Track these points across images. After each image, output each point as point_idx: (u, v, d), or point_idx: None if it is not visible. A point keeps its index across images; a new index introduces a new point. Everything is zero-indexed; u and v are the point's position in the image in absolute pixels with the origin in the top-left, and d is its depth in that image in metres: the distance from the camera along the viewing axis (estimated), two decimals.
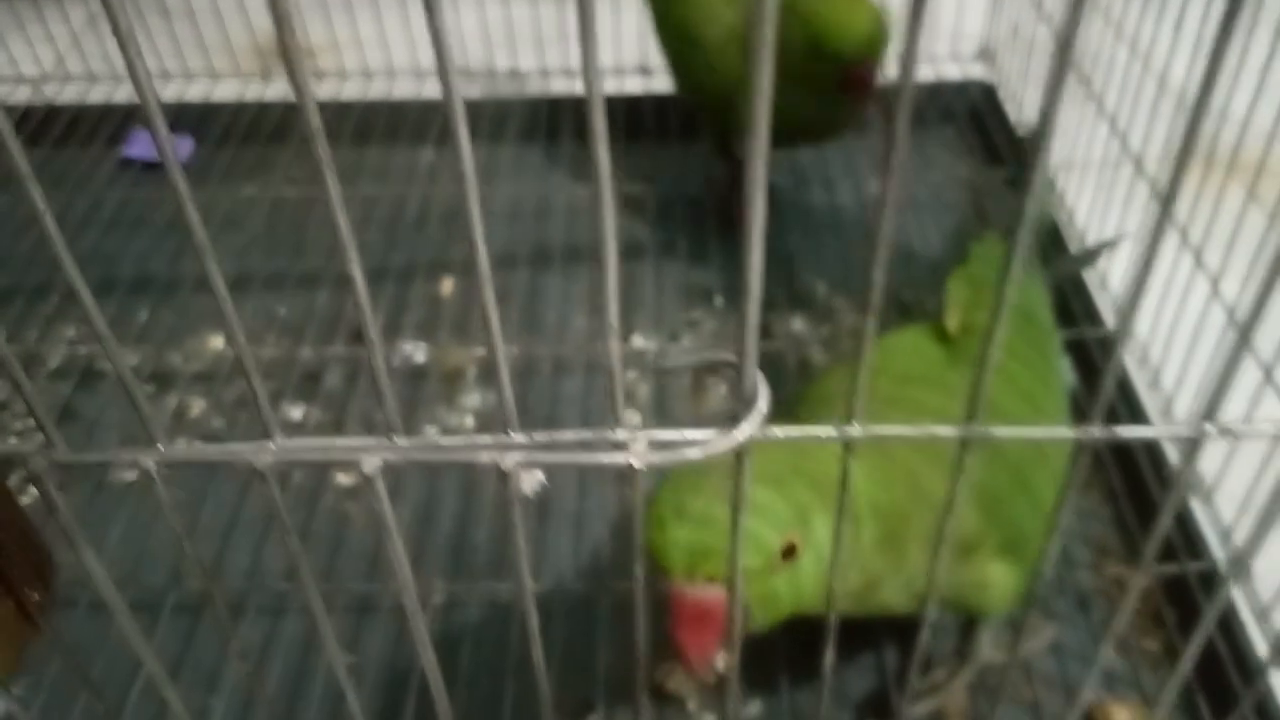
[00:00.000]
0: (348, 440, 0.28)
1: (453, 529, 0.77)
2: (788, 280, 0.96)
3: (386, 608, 0.72)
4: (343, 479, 0.81)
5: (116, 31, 0.24)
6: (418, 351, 0.90)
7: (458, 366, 0.89)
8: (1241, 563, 0.35)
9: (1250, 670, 0.63)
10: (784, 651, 0.67)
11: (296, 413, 0.85)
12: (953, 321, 0.62)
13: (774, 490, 0.47)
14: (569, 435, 0.27)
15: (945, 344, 0.61)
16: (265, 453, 0.28)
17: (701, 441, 0.27)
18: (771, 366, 0.89)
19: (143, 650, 0.35)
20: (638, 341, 0.90)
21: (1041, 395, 0.60)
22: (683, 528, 0.46)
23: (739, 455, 0.28)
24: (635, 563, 0.31)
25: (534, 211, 1.05)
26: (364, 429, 0.84)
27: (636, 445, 0.27)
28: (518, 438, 0.27)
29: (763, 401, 0.27)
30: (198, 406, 0.86)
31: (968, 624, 0.64)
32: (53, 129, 1.13)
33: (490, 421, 0.85)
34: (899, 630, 0.69)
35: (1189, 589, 0.69)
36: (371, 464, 0.27)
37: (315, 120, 0.24)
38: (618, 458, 0.27)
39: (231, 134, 1.13)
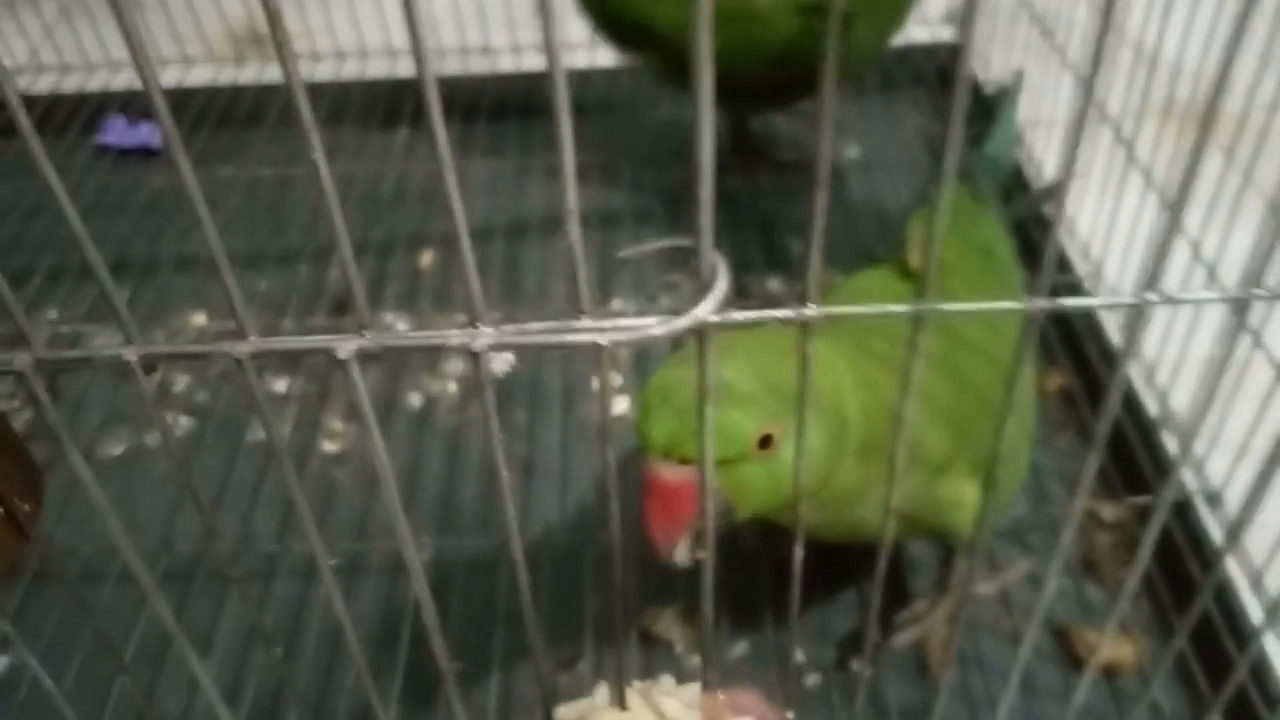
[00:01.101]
0: (322, 335, 0.29)
1: (439, 489, 0.78)
2: (764, 241, 0.97)
3: (376, 568, 0.73)
4: (328, 445, 0.81)
5: (122, 24, 0.25)
6: (399, 322, 0.91)
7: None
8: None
9: (1244, 635, 0.64)
10: (768, 591, 0.68)
11: (280, 385, 0.86)
12: (914, 258, 0.63)
13: (760, 383, 0.47)
14: (537, 324, 0.28)
15: (909, 280, 0.63)
16: (243, 345, 0.29)
17: (661, 323, 0.28)
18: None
19: (157, 605, 0.36)
20: (616, 304, 0.91)
21: (1006, 325, 0.62)
22: (665, 410, 0.46)
23: (700, 335, 0.28)
24: (605, 448, 0.31)
25: (511, 185, 1.06)
26: (346, 399, 0.85)
27: (601, 328, 0.28)
28: (487, 327, 0.28)
29: (722, 282, 0.28)
30: (182, 382, 0.87)
31: (946, 557, 0.66)
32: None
33: (472, 386, 0.86)
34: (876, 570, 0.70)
35: (1165, 521, 0.70)
36: (346, 350, 0.28)
37: (306, 112, 0.25)
38: (584, 337, 0.27)
39: (206, 118, 1.14)
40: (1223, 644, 0.63)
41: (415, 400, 0.85)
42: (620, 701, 0.39)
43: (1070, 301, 0.31)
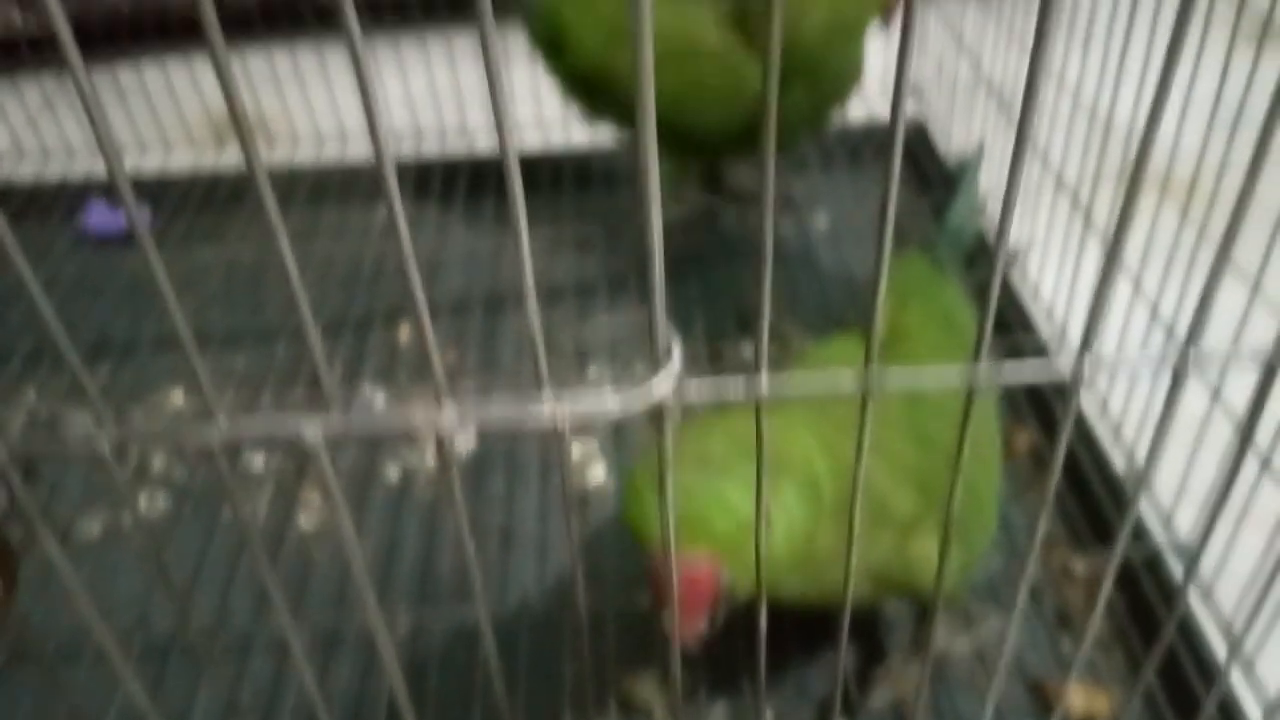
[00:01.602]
0: (290, 415, 0.30)
1: (417, 561, 0.78)
2: (736, 309, 0.99)
3: (353, 640, 0.72)
4: (304, 523, 0.81)
5: (89, 111, 0.26)
6: (378, 395, 0.92)
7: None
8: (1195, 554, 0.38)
9: (1212, 677, 0.65)
10: (744, 655, 0.69)
11: (258, 461, 0.86)
12: (880, 326, 0.65)
13: (747, 460, 0.48)
14: (499, 403, 0.29)
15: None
16: (214, 430, 0.30)
17: (621, 399, 0.29)
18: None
19: (131, 687, 0.36)
20: (592, 372, 0.93)
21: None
22: (656, 506, 0.47)
23: (658, 412, 0.29)
24: (569, 524, 0.32)
25: (487, 261, 1.08)
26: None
27: (560, 407, 0.29)
28: (450, 405, 0.29)
29: (676, 359, 0.29)
30: (159, 460, 0.87)
31: (921, 614, 0.66)
32: (9, 204, 1.15)
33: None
34: (857, 628, 0.71)
35: (1134, 572, 0.71)
36: (313, 434, 0.29)
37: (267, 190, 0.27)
38: (543, 418, 0.28)
39: (187, 202, 1.16)
40: (1195, 692, 0.63)
41: (393, 473, 0.85)
42: None
43: (1012, 372, 0.32)
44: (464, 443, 0.55)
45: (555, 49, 0.97)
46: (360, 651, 0.72)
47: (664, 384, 0.29)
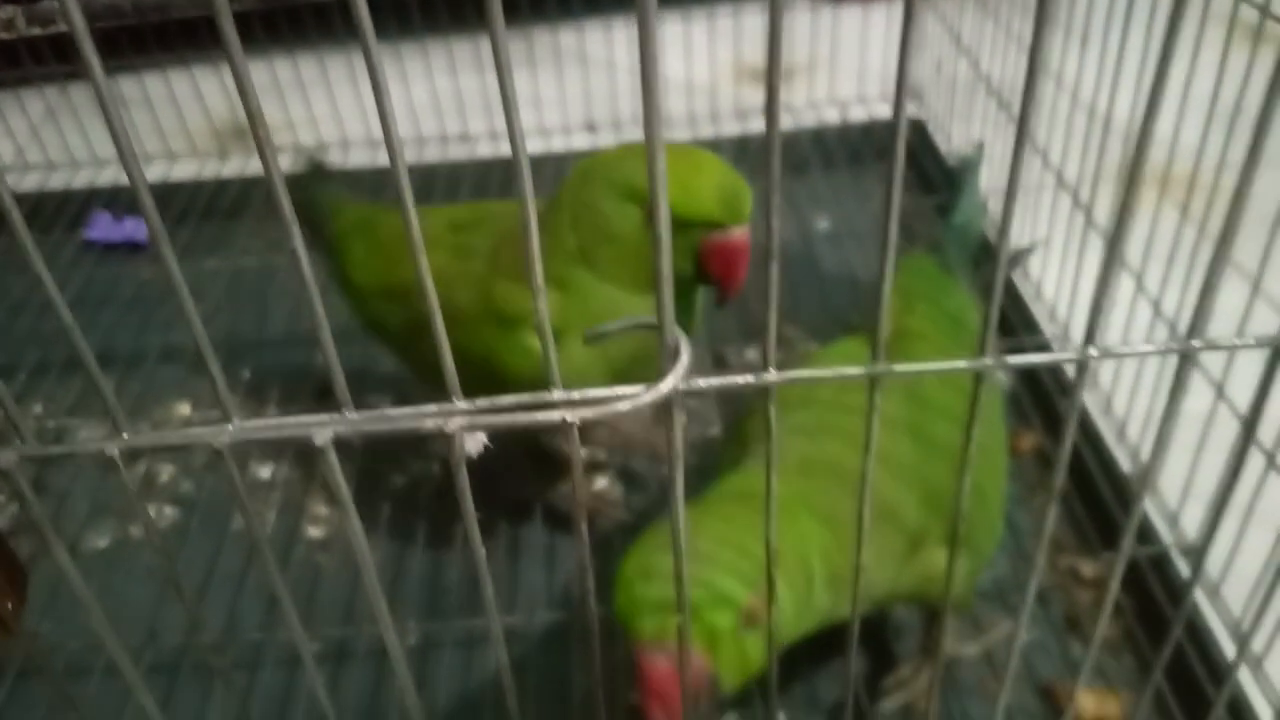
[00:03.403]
0: (299, 418, 0.30)
1: (425, 571, 0.78)
2: (740, 313, 0.99)
3: (363, 652, 0.73)
4: (313, 531, 0.82)
5: (110, 125, 0.26)
6: (385, 403, 0.92)
7: None
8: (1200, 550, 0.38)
9: (1219, 669, 0.65)
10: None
11: (265, 472, 0.87)
12: (885, 329, 0.65)
13: (737, 553, 0.48)
14: (508, 399, 0.29)
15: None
16: (223, 434, 0.30)
17: (630, 396, 0.29)
18: (728, 395, 0.92)
19: (143, 699, 0.36)
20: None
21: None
22: (648, 601, 0.46)
23: (667, 407, 0.30)
24: (578, 519, 0.32)
25: None
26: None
27: (570, 405, 0.29)
28: (461, 404, 0.29)
29: (685, 356, 0.29)
30: (167, 472, 0.87)
31: (930, 620, 0.66)
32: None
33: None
34: (866, 635, 0.71)
35: (1141, 573, 0.71)
36: (323, 436, 0.29)
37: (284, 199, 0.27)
38: (553, 415, 0.29)
39: (191, 211, 1.16)
40: (1205, 692, 0.64)
41: (399, 481, 0.85)
42: None
43: (1015, 359, 0.32)
44: (474, 446, 0.53)
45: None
46: (370, 660, 0.72)
47: (672, 380, 0.29)
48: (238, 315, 1.03)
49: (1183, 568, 0.71)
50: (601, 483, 0.84)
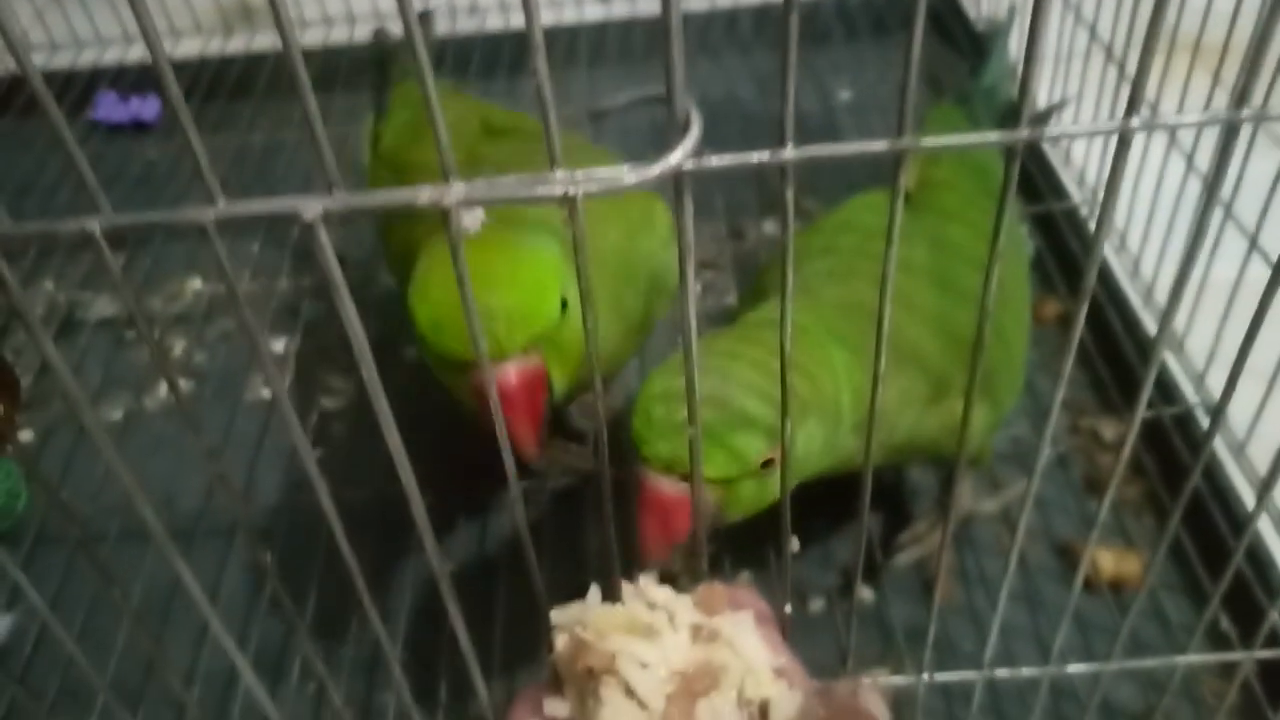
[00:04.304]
0: (287, 197, 0.29)
1: (437, 442, 0.77)
2: (759, 185, 0.97)
3: (380, 520, 0.72)
4: (327, 402, 0.81)
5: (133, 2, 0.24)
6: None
7: None
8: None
9: (1235, 514, 0.64)
10: (769, 525, 0.68)
11: (278, 345, 0.86)
12: (910, 178, 0.63)
13: (766, 400, 0.46)
14: (509, 179, 0.27)
15: (905, 198, 0.62)
16: (208, 212, 0.29)
17: (637, 171, 0.27)
18: (746, 265, 0.90)
19: (166, 549, 0.35)
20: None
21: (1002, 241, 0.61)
22: (666, 427, 0.45)
23: (677, 182, 0.28)
24: (595, 373, 0.31)
25: None
26: (346, 356, 0.85)
27: (573, 179, 0.27)
28: (458, 184, 0.27)
29: (695, 129, 0.27)
30: (179, 346, 0.87)
31: (947, 478, 0.65)
32: (19, 97, 1.13)
33: None
34: (882, 496, 0.70)
35: (1166, 433, 0.70)
36: (312, 211, 0.28)
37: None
38: (554, 189, 0.27)
39: (195, 90, 1.13)
40: (1226, 548, 0.63)
41: (411, 354, 0.84)
42: (613, 595, 0.39)
43: (1053, 130, 0.30)
44: (471, 222, 0.47)
45: None
46: (389, 529, 0.72)
47: (681, 153, 0.27)
48: (245, 191, 1.01)
49: (1206, 426, 0.69)
50: None
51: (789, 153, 0.28)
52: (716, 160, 0.28)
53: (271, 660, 0.65)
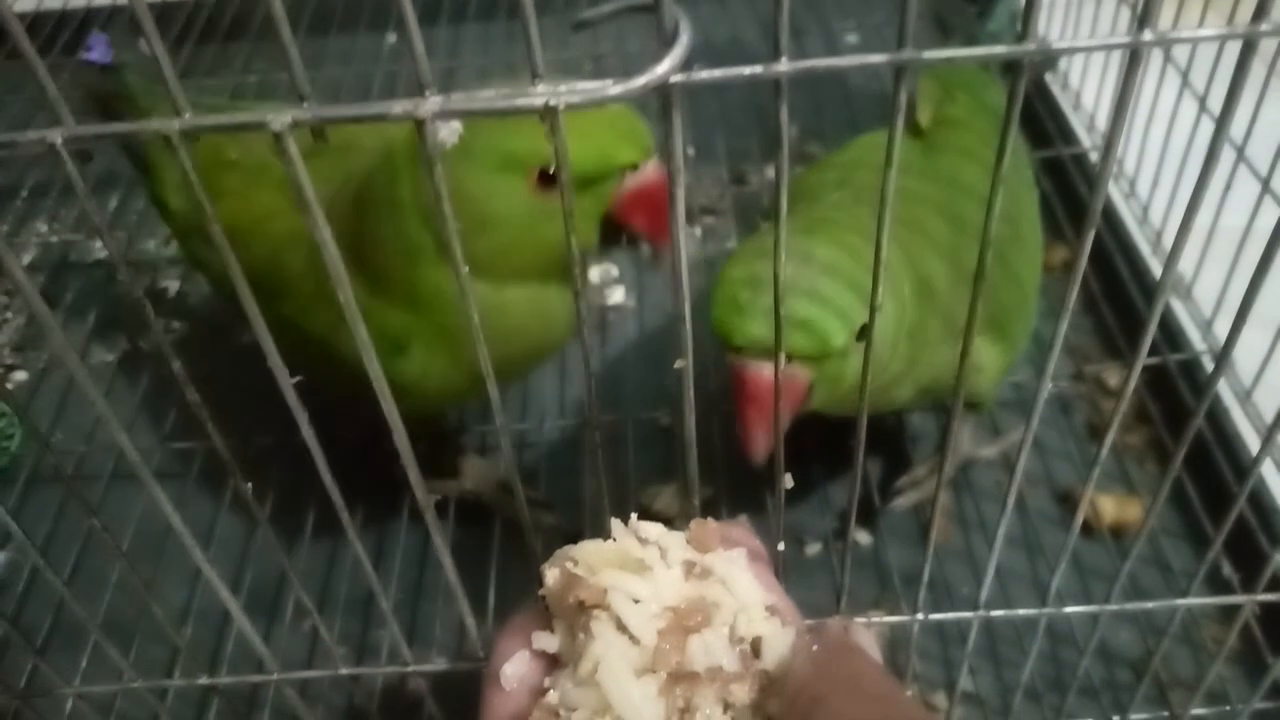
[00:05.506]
0: (255, 109, 0.28)
1: None
2: (761, 129, 0.95)
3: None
4: None
5: None
6: None
7: None
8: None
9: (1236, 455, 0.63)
10: (766, 469, 0.67)
11: None
12: (925, 116, 0.62)
13: (854, 273, 0.46)
14: (488, 92, 0.26)
15: (919, 136, 0.61)
16: (174, 123, 0.28)
17: (622, 83, 0.26)
18: (748, 211, 0.88)
19: (153, 489, 0.35)
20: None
21: (1014, 181, 0.60)
22: (755, 310, 0.45)
23: (665, 95, 0.27)
24: (579, 307, 0.29)
25: (501, 50, 1.05)
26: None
27: (555, 91, 0.26)
28: (434, 95, 0.26)
29: (684, 39, 0.26)
30: (173, 287, 0.86)
31: (947, 424, 0.65)
32: (9, 38, 1.11)
33: None
34: (882, 441, 0.69)
35: (1171, 380, 0.69)
36: (280, 122, 0.27)
37: None
38: (535, 100, 0.26)
39: (189, 34, 1.11)
40: (1230, 494, 0.62)
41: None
42: (604, 532, 0.38)
43: (1061, 45, 0.29)
44: (448, 134, 0.44)
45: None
46: (385, 462, 0.71)
47: (669, 64, 0.26)
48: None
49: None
50: (617, 297, 0.82)
51: (783, 65, 0.27)
52: (706, 74, 0.27)
53: (267, 599, 0.65)
